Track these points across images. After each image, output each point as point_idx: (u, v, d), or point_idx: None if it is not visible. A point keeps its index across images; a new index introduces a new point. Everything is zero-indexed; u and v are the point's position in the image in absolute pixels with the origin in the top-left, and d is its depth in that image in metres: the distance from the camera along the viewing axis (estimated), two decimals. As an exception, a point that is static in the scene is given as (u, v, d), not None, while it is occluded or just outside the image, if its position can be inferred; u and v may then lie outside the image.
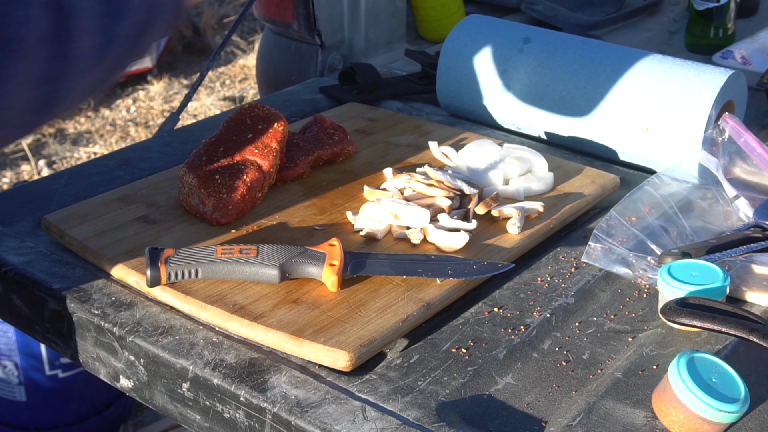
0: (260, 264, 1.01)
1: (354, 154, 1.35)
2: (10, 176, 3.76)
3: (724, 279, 0.98)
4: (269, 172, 1.18)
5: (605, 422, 0.87)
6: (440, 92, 1.54)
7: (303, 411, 0.88)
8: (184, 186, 1.16)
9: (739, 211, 1.17)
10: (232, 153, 1.18)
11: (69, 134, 4.13)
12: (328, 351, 0.92)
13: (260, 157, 1.18)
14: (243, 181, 1.15)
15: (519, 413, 0.88)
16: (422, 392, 0.90)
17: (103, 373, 1.05)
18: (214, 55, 1.68)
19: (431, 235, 1.11)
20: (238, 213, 1.15)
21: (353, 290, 1.02)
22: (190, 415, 0.97)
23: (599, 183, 1.28)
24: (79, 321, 1.04)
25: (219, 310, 0.98)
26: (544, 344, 0.98)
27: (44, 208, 1.22)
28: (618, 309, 1.04)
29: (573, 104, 1.39)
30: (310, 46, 1.77)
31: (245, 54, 4.90)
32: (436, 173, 1.19)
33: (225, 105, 4.39)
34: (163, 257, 1.01)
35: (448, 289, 1.03)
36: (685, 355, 0.86)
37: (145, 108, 4.38)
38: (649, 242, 1.10)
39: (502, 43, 1.46)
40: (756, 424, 0.86)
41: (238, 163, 1.17)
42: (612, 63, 1.37)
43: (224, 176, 1.15)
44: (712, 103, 1.28)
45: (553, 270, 1.11)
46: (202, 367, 0.94)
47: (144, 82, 4.59)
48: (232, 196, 1.13)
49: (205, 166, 1.16)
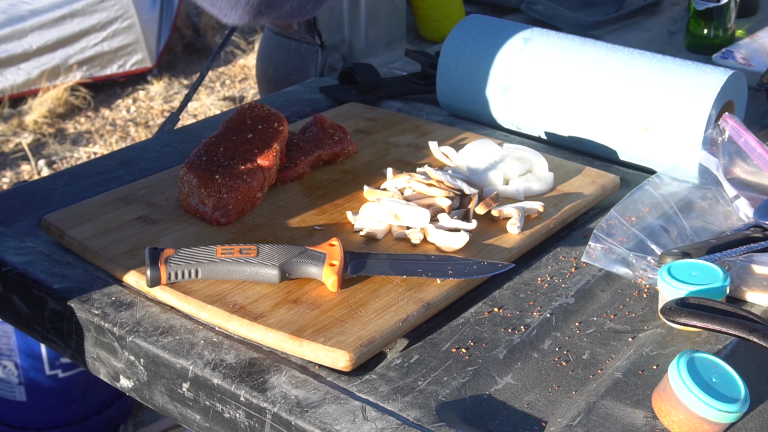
0: (260, 264, 1.01)
1: (354, 154, 1.35)
2: (10, 176, 3.76)
3: (724, 279, 0.98)
4: (269, 171, 1.18)
5: (605, 422, 0.87)
6: (440, 92, 1.54)
7: (303, 411, 0.88)
8: (184, 186, 1.16)
9: (739, 211, 1.17)
10: (232, 153, 1.18)
11: (69, 134, 4.13)
12: (328, 351, 0.92)
13: (260, 157, 1.18)
14: (243, 181, 1.15)
15: (519, 413, 0.88)
16: (422, 392, 0.90)
17: (103, 373, 1.05)
18: (214, 55, 1.68)
19: (431, 235, 1.11)
20: (238, 213, 1.15)
21: (353, 290, 1.02)
22: (190, 415, 0.97)
23: (599, 183, 1.28)
24: (79, 321, 1.04)
25: (219, 310, 0.98)
26: (544, 344, 0.98)
27: (44, 208, 1.22)
28: (618, 309, 1.04)
29: (573, 104, 1.39)
30: (310, 46, 1.77)
31: (245, 54, 4.90)
32: (436, 173, 1.19)
33: (225, 105, 4.39)
34: (163, 257, 1.01)
35: (448, 289, 1.03)
36: (685, 355, 0.86)
37: (145, 108, 4.38)
38: (649, 242, 1.10)
39: (502, 43, 1.46)
40: (756, 424, 0.86)
41: (239, 162, 1.17)
42: (612, 63, 1.37)
43: (224, 176, 1.15)
44: (712, 103, 1.28)
45: (553, 270, 1.11)
46: (202, 367, 0.94)
47: (144, 82, 4.59)
48: (232, 196, 1.13)
49: (205, 166, 1.16)
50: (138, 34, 4.43)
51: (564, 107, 1.40)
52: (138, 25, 4.41)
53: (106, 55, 4.40)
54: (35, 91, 4.28)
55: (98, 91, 4.47)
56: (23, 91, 4.26)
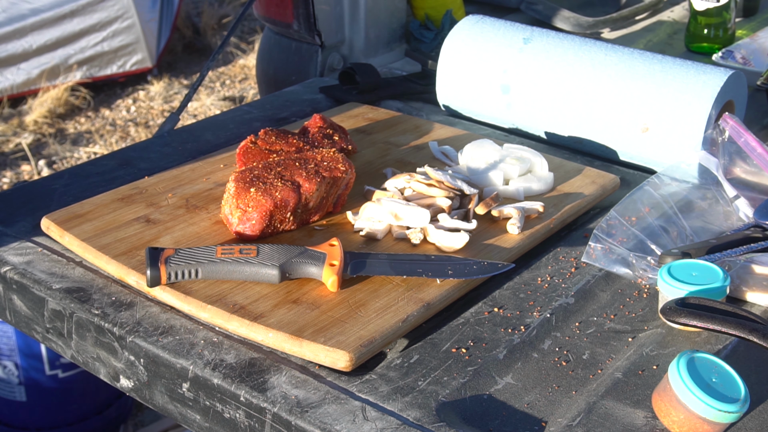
0: (260, 264, 1.01)
1: (354, 154, 1.35)
2: (10, 176, 3.76)
3: (724, 279, 0.98)
4: (307, 196, 1.13)
5: (605, 422, 0.87)
6: (440, 92, 1.54)
7: (303, 411, 0.88)
8: (226, 192, 1.13)
9: (739, 211, 1.17)
10: (282, 170, 1.14)
11: (69, 134, 4.13)
12: (328, 351, 0.92)
13: (305, 180, 1.13)
14: (272, 197, 1.10)
15: (519, 413, 0.88)
16: (422, 392, 0.90)
17: (103, 373, 1.05)
18: (214, 55, 1.68)
19: (431, 235, 1.11)
20: (261, 229, 1.11)
21: (353, 290, 1.02)
22: (190, 415, 0.97)
23: (599, 183, 1.28)
24: (79, 321, 1.04)
25: (219, 310, 0.98)
26: (544, 344, 0.98)
27: (44, 208, 1.22)
28: (618, 309, 1.04)
29: (573, 104, 1.39)
30: (310, 46, 1.77)
31: (245, 54, 4.90)
32: (436, 173, 1.19)
33: (225, 105, 4.39)
34: (163, 257, 1.01)
35: (448, 289, 1.03)
36: (685, 355, 0.86)
37: (145, 108, 4.38)
38: (649, 242, 1.10)
39: (502, 43, 1.46)
40: (756, 424, 0.86)
41: (280, 180, 1.13)
42: (612, 63, 1.37)
43: (259, 191, 1.11)
44: (712, 103, 1.28)
45: (553, 270, 1.11)
46: (202, 367, 0.94)
47: (144, 82, 4.59)
48: (258, 211, 1.09)
49: (250, 177, 1.12)
50: (138, 34, 4.43)
51: (564, 107, 1.40)
52: (138, 25, 4.41)
53: (106, 55, 4.40)
54: (35, 91, 4.28)
55: (98, 91, 4.47)
56: (23, 91, 4.26)
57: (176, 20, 4.77)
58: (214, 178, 1.27)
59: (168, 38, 4.68)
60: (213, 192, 1.23)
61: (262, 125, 1.52)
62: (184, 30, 5.00)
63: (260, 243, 1.06)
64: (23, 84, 4.26)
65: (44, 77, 4.27)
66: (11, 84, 4.23)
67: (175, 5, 4.71)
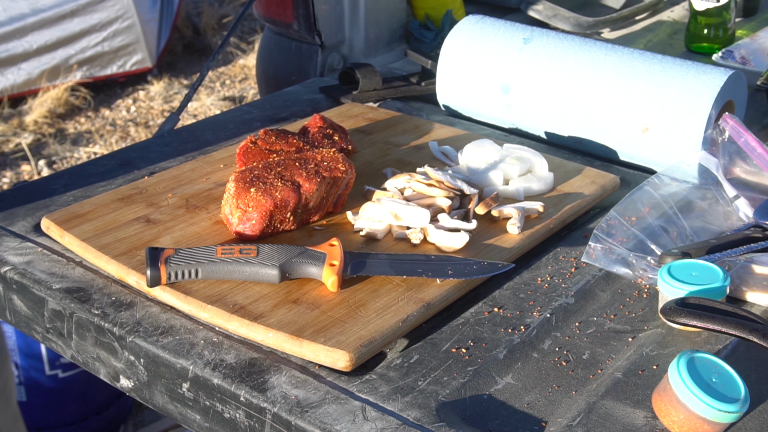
0: (260, 264, 1.01)
1: (354, 154, 1.35)
2: (10, 176, 3.76)
3: (724, 279, 0.98)
4: (307, 196, 1.13)
5: (605, 422, 0.87)
6: (440, 92, 1.54)
7: (303, 411, 0.88)
8: (226, 192, 1.13)
9: (739, 211, 1.17)
10: (282, 170, 1.14)
11: (69, 134, 4.13)
12: (328, 351, 0.92)
13: (305, 180, 1.13)
14: (272, 197, 1.10)
15: (519, 413, 0.88)
16: (422, 392, 0.90)
17: (103, 373, 1.05)
18: (214, 55, 1.68)
19: (431, 235, 1.11)
20: (261, 230, 1.11)
21: (353, 290, 1.02)
22: (190, 415, 0.97)
23: (599, 183, 1.28)
24: (79, 321, 1.04)
25: (219, 310, 0.98)
26: (544, 344, 0.98)
27: (44, 208, 1.22)
28: (618, 309, 1.04)
29: (573, 104, 1.39)
30: (310, 46, 1.77)
31: (245, 54, 4.90)
32: (436, 173, 1.19)
33: (225, 105, 4.39)
34: (163, 257, 1.01)
35: (448, 289, 1.03)
36: (685, 355, 0.86)
37: (145, 108, 4.38)
38: (649, 242, 1.10)
39: (502, 43, 1.46)
40: (756, 424, 0.86)
41: (280, 181, 1.13)
42: (612, 63, 1.37)
43: (258, 191, 1.11)
44: (712, 103, 1.28)
45: (553, 270, 1.11)
46: (202, 367, 0.94)
47: (144, 82, 4.59)
48: (258, 211, 1.10)
49: (250, 177, 1.13)
50: (138, 34, 4.44)
51: (564, 107, 1.40)
52: (138, 25, 4.41)
53: (106, 55, 4.41)
54: (35, 91, 4.28)
55: (98, 91, 4.47)
56: (23, 91, 4.27)
57: (176, 20, 4.77)
58: (214, 178, 1.27)
59: (168, 38, 4.69)
60: (213, 192, 1.23)
61: (262, 125, 1.52)
62: (184, 30, 5.00)
63: (260, 243, 1.06)
64: (23, 84, 4.26)
65: (44, 77, 4.27)
66: (11, 84, 4.23)
67: (175, 5, 4.71)
